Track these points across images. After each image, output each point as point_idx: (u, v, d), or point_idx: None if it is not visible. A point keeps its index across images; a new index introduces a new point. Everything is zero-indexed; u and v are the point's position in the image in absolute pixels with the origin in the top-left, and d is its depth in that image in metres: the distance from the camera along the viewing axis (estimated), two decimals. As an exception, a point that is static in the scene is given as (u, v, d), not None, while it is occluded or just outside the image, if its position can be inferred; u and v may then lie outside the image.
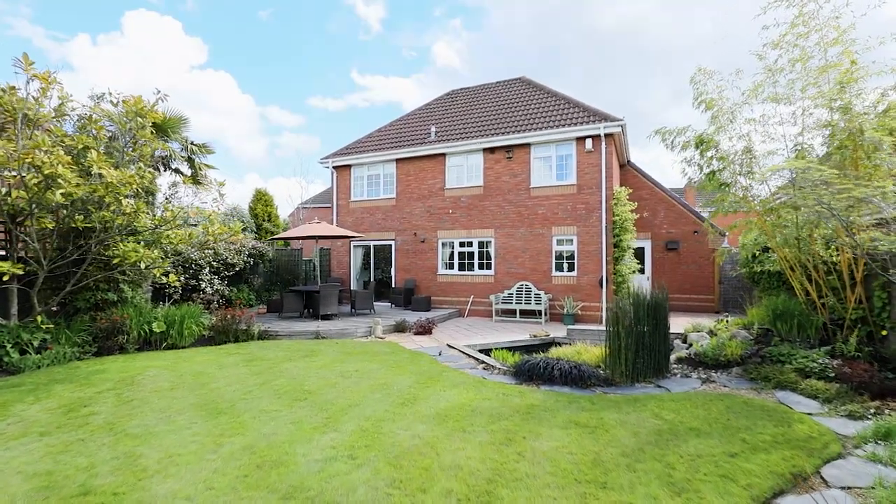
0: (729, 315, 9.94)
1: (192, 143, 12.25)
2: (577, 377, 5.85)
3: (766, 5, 6.51)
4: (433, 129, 14.90)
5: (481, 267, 13.72)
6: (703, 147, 7.33)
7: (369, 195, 15.62)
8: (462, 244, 14.02)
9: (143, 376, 6.24)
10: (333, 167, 16.02)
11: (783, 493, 3.22)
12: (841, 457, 3.75)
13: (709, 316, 12.59)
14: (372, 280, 15.34)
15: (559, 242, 12.58)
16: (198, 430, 4.29)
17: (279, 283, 14.91)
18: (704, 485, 3.25)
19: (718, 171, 7.34)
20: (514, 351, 8.73)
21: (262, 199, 21.79)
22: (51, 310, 7.81)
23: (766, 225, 7.22)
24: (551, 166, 12.83)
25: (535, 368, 6.09)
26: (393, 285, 15.03)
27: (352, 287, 15.43)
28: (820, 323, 6.67)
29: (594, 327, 9.63)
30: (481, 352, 8.24)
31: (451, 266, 14.20)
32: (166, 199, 9.71)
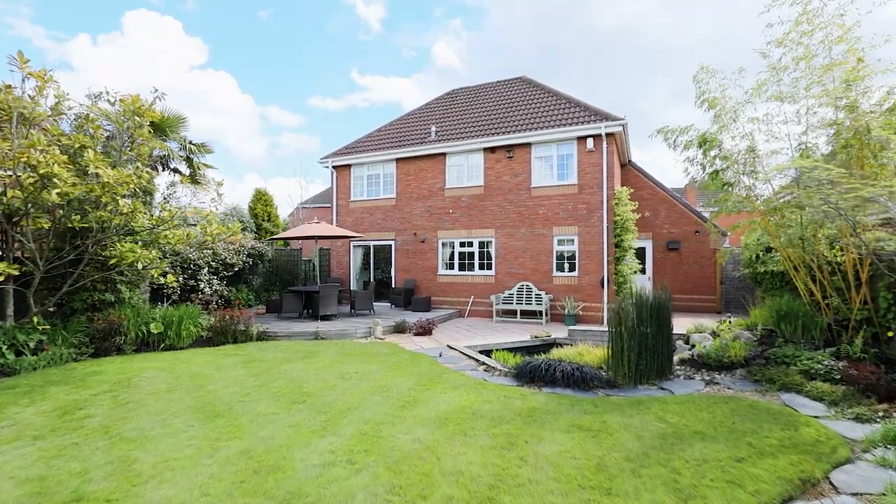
0: (731, 316, 9.86)
1: (190, 143, 12.17)
2: (579, 379, 5.77)
3: (769, 3, 6.45)
4: (433, 128, 14.82)
5: (482, 267, 13.63)
6: (706, 146, 7.26)
7: (369, 195, 15.53)
8: (462, 244, 13.93)
9: (140, 378, 6.17)
10: (333, 167, 15.93)
11: (792, 500, 3.15)
12: (850, 461, 3.68)
13: (710, 316, 12.51)
14: (372, 280, 15.25)
15: (560, 242, 12.50)
16: (194, 433, 4.22)
17: (278, 284, 14.83)
18: (711, 491, 3.18)
19: (722, 170, 7.27)
20: (514, 352, 8.66)
21: (261, 198, 21.74)
22: (47, 311, 7.74)
23: (770, 225, 7.15)
24: (552, 166, 12.75)
25: (536, 370, 6.02)
26: (393, 285, 14.94)
27: (351, 287, 15.34)
28: (824, 324, 6.60)
29: (596, 328, 9.56)
30: (482, 353, 8.16)
31: (451, 266, 14.11)
32: (164, 198, 9.64)
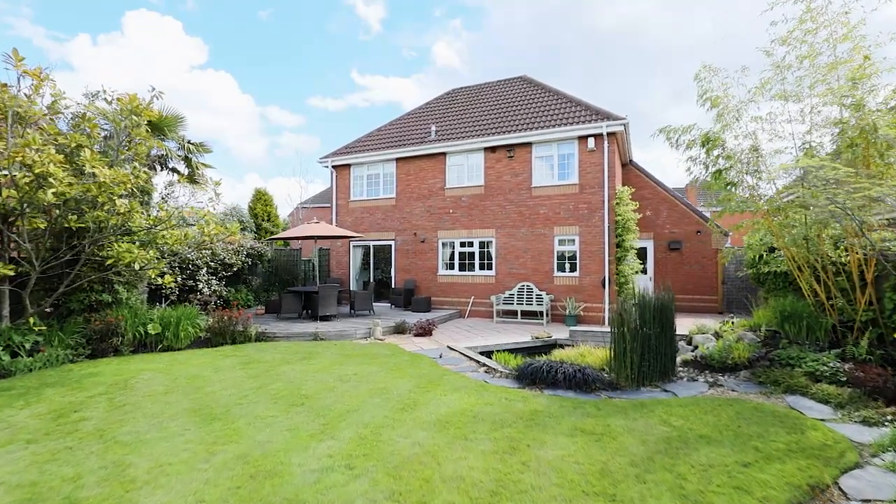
0: (734, 316, 9.79)
1: (189, 142, 12.07)
2: (581, 381, 5.70)
3: (773, 1, 6.38)
4: (433, 128, 14.74)
5: (482, 267, 13.55)
6: (708, 145, 7.19)
7: (369, 195, 15.45)
8: (462, 244, 13.86)
9: (137, 380, 6.09)
10: (333, 167, 15.86)
11: (801, 506, 3.08)
12: (858, 466, 3.61)
13: (712, 317, 12.43)
14: (371, 280, 15.17)
15: (561, 242, 12.42)
16: (190, 437, 4.14)
17: (278, 284, 14.75)
18: (718, 497, 3.11)
19: (724, 169, 7.20)
20: (515, 353, 8.58)
21: (261, 198, 21.69)
22: (43, 311, 7.66)
23: (774, 225, 7.08)
24: (553, 165, 12.68)
25: (538, 372, 5.94)
26: (393, 286, 14.87)
27: (351, 287, 15.26)
28: (829, 325, 6.53)
29: (597, 328, 9.48)
30: (482, 354, 8.09)
31: (451, 266, 14.04)
32: (162, 198, 9.56)
